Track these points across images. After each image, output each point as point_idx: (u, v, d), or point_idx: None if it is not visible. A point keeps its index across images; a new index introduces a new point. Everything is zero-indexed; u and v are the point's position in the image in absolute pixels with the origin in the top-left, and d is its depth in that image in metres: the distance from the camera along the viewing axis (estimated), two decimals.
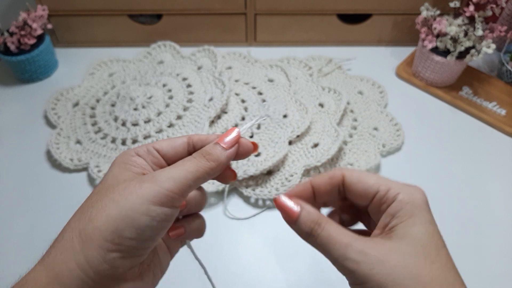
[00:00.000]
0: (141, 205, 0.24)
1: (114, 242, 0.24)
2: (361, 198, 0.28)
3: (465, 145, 0.70)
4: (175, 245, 0.32)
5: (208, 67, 0.79)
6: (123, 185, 0.25)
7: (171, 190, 0.25)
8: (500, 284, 0.55)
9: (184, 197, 0.26)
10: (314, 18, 0.83)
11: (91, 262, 0.24)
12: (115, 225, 0.24)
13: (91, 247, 0.24)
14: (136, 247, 0.25)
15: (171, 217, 0.26)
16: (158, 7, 0.82)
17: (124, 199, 0.24)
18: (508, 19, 0.81)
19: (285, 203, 0.27)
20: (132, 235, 0.24)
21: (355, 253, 0.25)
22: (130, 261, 0.25)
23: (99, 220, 0.24)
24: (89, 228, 0.24)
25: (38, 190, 0.64)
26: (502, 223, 0.61)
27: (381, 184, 0.27)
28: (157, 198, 0.25)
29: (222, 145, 0.27)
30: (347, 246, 0.25)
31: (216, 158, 0.27)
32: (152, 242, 0.26)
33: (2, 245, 0.58)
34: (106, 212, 0.24)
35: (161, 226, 0.25)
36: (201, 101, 0.71)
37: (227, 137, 0.28)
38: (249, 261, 0.57)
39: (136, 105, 0.70)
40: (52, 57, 0.81)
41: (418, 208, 0.26)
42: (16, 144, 0.70)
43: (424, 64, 0.76)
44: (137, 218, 0.24)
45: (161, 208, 0.25)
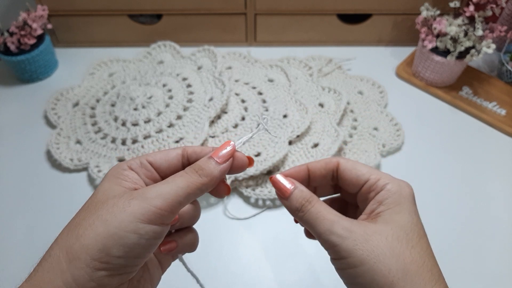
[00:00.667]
0: (130, 223, 0.24)
1: (102, 261, 0.23)
2: (352, 185, 0.29)
3: (465, 145, 0.70)
4: (166, 260, 0.32)
5: (208, 67, 0.79)
6: (112, 201, 0.25)
7: (160, 208, 0.25)
8: (500, 284, 0.55)
9: (175, 214, 0.26)
10: (314, 18, 0.83)
11: (78, 281, 0.23)
12: (102, 243, 0.23)
13: (78, 266, 0.23)
14: (124, 265, 0.24)
15: (161, 234, 0.26)
16: (158, 7, 0.82)
17: (112, 217, 0.24)
18: (508, 19, 0.81)
19: (280, 180, 0.29)
20: (120, 253, 0.24)
21: (341, 229, 0.26)
22: (118, 279, 0.25)
23: (87, 238, 0.24)
24: (76, 246, 0.24)
25: (38, 190, 0.64)
26: (502, 223, 0.61)
27: (372, 173, 0.29)
28: (145, 215, 0.24)
29: (216, 160, 0.27)
30: (333, 222, 0.26)
31: (209, 173, 0.26)
32: (141, 259, 0.26)
33: (2, 245, 0.58)
34: (93, 230, 0.24)
35: (150, 244, 0.25)
36: (201, 101, 0.71)
37: (221, 151, 0.27)
38: (249, 261, 0.57)
39: (136, 105, 0.70)
40: (52, 57, 0.81)
41: (404, 198, 0.27)
42: (16, 144, 0.70)
43: (424, 64, 0.76)
44: (125, 236, 0.24)
45: (150, 226, 0.24)
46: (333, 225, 0.26)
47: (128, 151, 0.66)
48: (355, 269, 0.25)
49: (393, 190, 0.28)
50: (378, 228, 0.26)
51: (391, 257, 0.25)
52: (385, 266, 0.25)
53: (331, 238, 0.26)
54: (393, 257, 0.25)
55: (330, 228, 0.26)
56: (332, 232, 0.26)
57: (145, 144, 0.66)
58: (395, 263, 0.25)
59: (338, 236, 0.26)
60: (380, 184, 0.28)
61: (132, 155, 0.66)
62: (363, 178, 0.29)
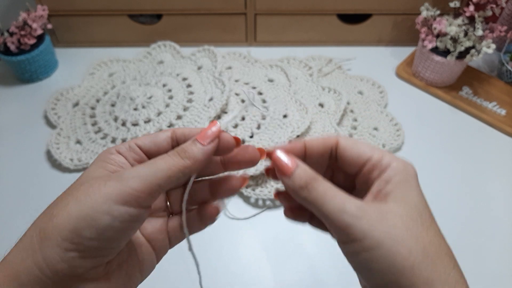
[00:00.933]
0: (103, 204, 0.23)
1: (73, 242, 0.23)
2: (353, 163, 0.27)
3: (465, 145, 0.70)
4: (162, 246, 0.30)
5: (208, 67, 0.79)
6: (90, 183, 0.24)
7: (136, 189, 0.23)
8: (500, 284, 0.55)
9: (154, 197, 0.24)
10: (314, 18, 0.83)
11: (48, 261, 0.23)
12: (74, 224, 0.23)
13: (48, 245, 0.23)
14: (97, 248, 0.24)
15: (137, 218, 0.24)
16: (158, 7, 0.82)
17: (87, 197, 0.23)
18: (508, 19, 0.81)
19: (281, 158, 0.26)
20: (92, 235, 0.23)
21: (354, 208, 0.24)
22: (91, 262, 0.24)
23: (59, 218, 0.23)
24: (49, 226, 0.23)
25: (38, 190, 0.64)
26: (502, 223, 0.61)
27: (375, 151, 0.26)
28: (120, 196, 0.23)
29: (200, 142, 0.26)
30: (345, 201, 0.24)
31: (192, 155, 0.25)
32: (117, 242, 0.24)
33: (2, 245, 0.58)
34: (66, 210, 0.23)
35: (124, 227, 0.24)
36: (201, 101, 0.71)
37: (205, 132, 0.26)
38: (249, 261, 0.57)
39: (136, 105, 0.70)
40: (52, 57, 0.81)
41: (412, 177, 0.26)
42: (16, 144, 0.70)
43: (424, 64, 0.76)
44: (97, 218, 0.23)
45: (125, 208, 0.23)
46: (345, 204, 0.24)
47: None
48: (371, 253, 0.23)
49: (400, 168, 0.25)
50: (391, 207, 0.24)
51: (410, 238, 0.23)
52: (405, 247, 0.23)
53: (343, 217, 0.23)
54: (412, 238, 0.23)
55: (342, 206, 0.24)
56: (345, 211, 0.23)
57: None
58: (415, 244, 0.23)
59: (351, 216, 0.23)
60: (384, 162, 0.26)
61: None
62: (365, 156, 0.26)
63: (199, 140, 0.26)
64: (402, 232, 0.23)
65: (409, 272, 0.22)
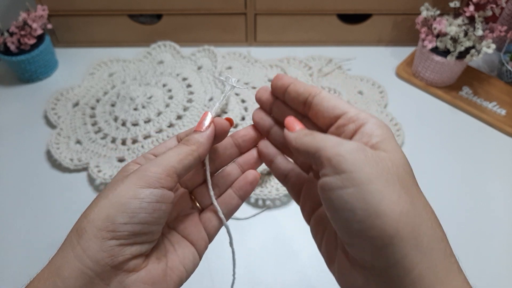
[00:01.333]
0: (128, 190, 0.25)
1: (108, 230, 0.24)
2: (327, 114, 0.27)
3: (465, 145, 0.70)
4: (200, 239, 0.32)
5: (208, 67, 0.79)
6: (114, 184, 0.26)
7: (155, 171, 0.26)
8: (500, 284, 0.55)
9: (172, 178, 0.27)
10: (314, 18, 0.83)
11: (88, 252, 0.24)
12: (105, 213, 0.25)
13: (86, 238, 0.24)
14: (132, 233, 0.25)
15: (163, 198, 0.26)
16: (158, 7, 0.82)
17: (113, 191, 0.26)
18: (508, 19, 0.81)
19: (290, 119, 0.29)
20: (124, 219, 0.25)
21: (352, 144, 0.24)
22: (129, 250, 0.25)
23: (92, 214, 0.25)
24: (84, 223, 0.25)
25: (38, 190, 0.64)
26: (502, 223, 0.61)
27: (351, 107, 0.27)
28: (142, 180, 0.26)
29: (199, 130, 0.29)
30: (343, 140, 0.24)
31: (195, 141, 0.29)
32: (149, 226, 0.26)
33: (2, 245, 0.58)
34: (98, 206, 0.25)
35: (153, 208, 0.26)
36: (201, 101, 0.71)
37: (201, 122, 0.30)
38: (249, 261, 0.57)
39: (136, 105, 0.70)
40: (52, 57, 0.81)
41: (392, 135, 0.26)
42: (16, 144, 0.70)
43: (424, 64, 0.76)
44: (126, 203, 0.25)
45: (149, 189, 0.25)
46: (342, 141, 0.24)
47: (128, 151, 0.66)
48: (358, 188, 0.22)
49: (380, 124, 0.25)
50: (383, 154, 0.24)
51: (400, 185, 0.22)
52: (395, 192, 0.22)
53: (339, 148, 0.23)
54: (402, 186, 0.22)
55: (340, 141, 0.24)
56: (342, 144, 0.23)
57: (145, 144, 0.66)
58: (405, 193, 0.22)
59: (348, 148, 0.23)
60: (361, 117, 0.26)
61: (132, 155, 0.66)
62: (340, 108, 0.27)
63: (197, 129, 0.30)
64: (394, 177, 0.23)
65: (396, 218, 0.21)
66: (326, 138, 0.25)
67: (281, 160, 0.32)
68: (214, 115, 0.30)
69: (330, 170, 0.23)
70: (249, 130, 0.33)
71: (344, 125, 0.26)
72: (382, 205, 0.22)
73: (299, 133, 0.27)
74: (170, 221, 0.31)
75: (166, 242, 0.30)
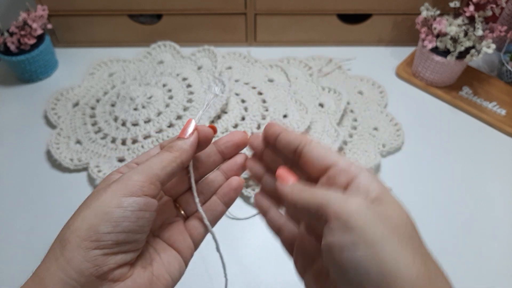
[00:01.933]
0: (112, 199, 0.25)
1: (92, 239, 0.24)
2: (317, 164, 0.27)
3: (465, 145, 0.70)
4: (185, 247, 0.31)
5: (208, 67, 0.79)
6: (97, 193, 0.26)
7: (138, 180, 0.26)
8: (500, 284, 0.55)
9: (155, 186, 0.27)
10: (314, 18, 0.83)
11: (71, 263, 0.24)
12: (89, 223, 0.24)
13: (69, 249, 0.24)
14: (116, 242, 0.25)
15: (146, 206, 0.26)
16: (158, 7, 0.82)
17: (96, 200, 0.25)
18: (508, 19, 0.81)
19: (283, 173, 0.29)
20: (108, 229, 0.24)
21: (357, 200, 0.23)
22: (114, 259, 0.25)
23: (75, 224, 0.25)
24: (67, 233, 0.25)
25: (38, 190, 0.64)
26: (502, 223, 0.61)
27: (341, 158, 0.26)
28: (125, 189, 0.25)
29: (182, 137, 0.29)
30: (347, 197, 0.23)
31: (178, 148, 0.29)
32: (133, 235, 0.26)
33: (2, 245, 0.58)
34: (81, 215, 0.25)
35: (136, 216, 0.25)
36: (201, 101, 0.71)
37: (185, 129, 0.30)
38: (249, 261, 0.57)
39: (136, 105, 0.70)
40: (52, 57, 0.81)
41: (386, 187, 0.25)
42: (16, 144, 0.70)
43: (424, 64, 0.76)
44: (109, 212, 0.25)
45: (132, 198, 0.25)
46: (347, 197, 0.23)
47: (128, 151, 0.66)
48: (367, 250, 0.21)
49: (373, 177, 0.25)
50: (387, 211, 0.23)
51: (411, 245, 0.21)
52: (408, 254, 0.21)
53: (346, 205, 0.22)
54: (414, 248, 0.21)
55: (345, 198, 0.23)
56: (348, 201, 0.22)
57: (145, 144, 0.66)
58: (418, 255, 0.21)
59: (354, 207, 0.22)
60: (353, 169, 0.25)
61: (132, 155, 0.66)
62: (331, 159, 0.26)
63: (180, 136, 0.30)
64: (405, 237, 0.22)
65: (413, 282, 0.20)
66: (328, 193, 0.24)
67: (274, 214, 0.32)
68: (197, 122, 0.30)
69: (338, 228, 0.22)
70: (232, 137, 0.33)
71: (335, 176, 0.26)
72: (398, 268, 0.20)
73: (294, 188, 0.26)
74: (154, 229, 0.31)
75: (151, 251, 0.30)
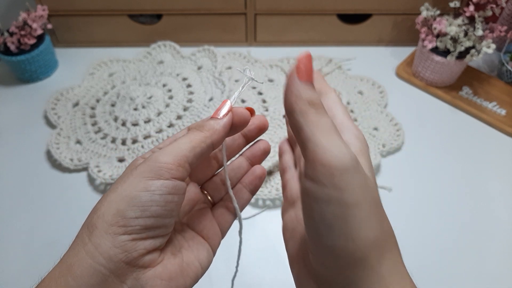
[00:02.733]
0: (139, 182, 0.24)
1: (119, 224, 0.23)
2: None
3: (465, 145, 0.70)
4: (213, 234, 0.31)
5: (208, 67, 0.79)
6: (123, 177, 0.25)
7: (165, 162, 0.25)
8: (500, 284, 0.55)
9: (184, 168, 0.25)
10: (314, 18, 0.83)
11: (100, 249, 0.23)
12: (116, 208, 0.24)
13: (97, 234, 0.23)
14: (145, 227, 0.24)
15: (175, 189, 0.25)
16: (158, 7, 0.82)
17: (122, 184, 0.24)
18: (508, 19, 0.81)
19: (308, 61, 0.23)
20: (136, 213, 0.24)
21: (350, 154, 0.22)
22: (143, 244, 0.24)
23: (102, 209, 0.24)
24: (94, 219, 0.24)
25: (38, 190, 0.64)
26: (502, 223, 0.61)
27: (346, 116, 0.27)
28: (152, 172, 0.24)
29: (215, 117, 0.28)
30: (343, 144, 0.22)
31: (209, 127, 0.27)
32: (161, 219, 0.25)
33: (2, 245, 0.58)
34: (107, 200, 0.24)
35: (164, 200, 0.24)
36: (201, 101, 0.71)
37: (219, 110, 0.28)
38: (249, 261, 0.57)
39: (136, 105, 0.70)
40: (52, 57, 0.81)
41: (367, 147, 0.26)
42: (16, 144, 0.70)
43: (424, 64, 0.76)
44: (136, 196, 0.24)
45: (160, 181, 0.24)
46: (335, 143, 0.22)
47: (128, 151, 0.66)
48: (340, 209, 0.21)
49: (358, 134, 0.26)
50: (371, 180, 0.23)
51: (377, 212, 0.22)
52: (375, 217, 0.21)
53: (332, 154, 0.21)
54: (378, 212, 0.22)
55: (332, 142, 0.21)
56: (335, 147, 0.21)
57: (145, 144, 0.66)
58: (379, 218, 0.22)
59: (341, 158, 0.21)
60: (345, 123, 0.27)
61: (132, 155, 0.66)
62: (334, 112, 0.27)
63: (214, 116, 0.28)
64: (375, 201, 0.22)
65: (368, 244, 0.21)
66: (318, 128, 0.22)
67: (287, 156, 0.33)
68: (233, 104, 0.28)
69: (316, 177, 0.21)
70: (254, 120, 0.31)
71: None
72: (359, 230, 0.21)
73: (305, 92, 0.22)
74: (182, 216, 0.30)
75: (180, 238, 0.29)
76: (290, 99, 0.23)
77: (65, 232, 0.58)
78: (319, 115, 0.22)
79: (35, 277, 0.25)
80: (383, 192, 0.64)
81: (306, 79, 0.23)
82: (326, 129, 0.22)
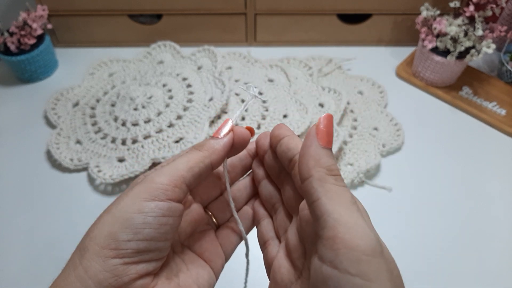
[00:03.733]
0: (133, 204, 0.23)
1: (111, 247, 0.22)
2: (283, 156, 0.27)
3: (465, 145, 0.70)
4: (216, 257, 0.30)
5: (208, 67, 0.79)
6: (119, 197, 0.25)
7: (161, 183, 0.24)
8: (500, 284, 0.55)
9: (180, 189, 0.25)
10: (314, 18, 0.83)
11: (89, 272, 0.22)
12: (108, 230, 0.23)
13: (88, 257, 0.23)
14: (137, 250, 0.23)
15: (170, 211, 0.24)
16: (158, 7, 0.82)
17: (117, 205, 0.24)
18: (508, 19, 0.81)
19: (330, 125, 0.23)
20: (128, 236, 0.23)
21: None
22: (135, 268, 0.23)
23: (95, 231, 0.23)
24: (86, 241, 0.23)
25: (38, 190, 0.64)
26: (502, 223, 0.61)
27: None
28: (148, 193, 0.23)
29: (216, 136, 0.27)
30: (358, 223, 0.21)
31: (209, 147, 0.26)
32: (155, 242, 0.24)
33: (2, 245, 0.58)
34: (101, 222, 0.23)
35: (159, 222, 0.23)
36: (201, 101, 0.71)
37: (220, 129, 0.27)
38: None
39: (136, 105, 0.70)
40: (52, 57, 0.81)
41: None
42: (16, 144, 0.70)
43: (424, 64, 0.76)
44: (130, 218, 0.23)
45: (154, 203, 0.23)
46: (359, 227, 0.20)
47: (128, 151, 0.66)
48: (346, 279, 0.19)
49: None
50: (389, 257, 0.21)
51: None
52: None
53: (356, 235, 0.19)
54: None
55: (356, 225, 0.20)
56: (359, 229, 0.20)
57: (145, 144, 0.66)
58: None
59: (367, 242, 0.19)
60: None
61: (132, 155, 0.66)
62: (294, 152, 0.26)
63: (215, 135, 0.27)
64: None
65: None
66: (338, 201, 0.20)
67: (266, 224, 0.31)
68: (234, 123, 0.28)
69: (340, 262, 0.19)
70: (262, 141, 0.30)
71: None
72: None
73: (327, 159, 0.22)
74: (184, 239, 0.29)
75: (178, 261, 0.28)
76: (308, 163, 0.22)
77: (65, 232, 0.58)
78: (338, 185, 0.21)
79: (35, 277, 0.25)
80: (383, 192, 0.64)
81: (327, 144, 0.22)
82: (347, 203, 0.20)
